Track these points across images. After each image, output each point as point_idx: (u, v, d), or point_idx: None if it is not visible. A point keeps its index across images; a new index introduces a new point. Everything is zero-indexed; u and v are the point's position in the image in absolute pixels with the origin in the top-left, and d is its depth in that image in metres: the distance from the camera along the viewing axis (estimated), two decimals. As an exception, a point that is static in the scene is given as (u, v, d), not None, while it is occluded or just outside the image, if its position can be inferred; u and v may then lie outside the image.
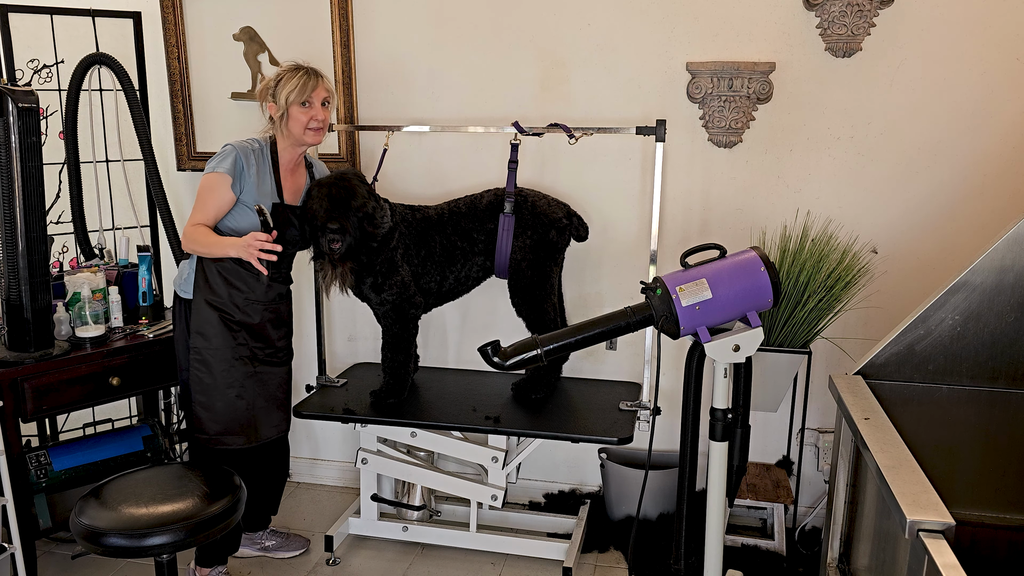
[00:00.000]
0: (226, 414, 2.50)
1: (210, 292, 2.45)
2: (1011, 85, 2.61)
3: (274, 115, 2.45)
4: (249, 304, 2.50)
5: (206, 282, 2.45)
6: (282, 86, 2.41)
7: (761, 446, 3.00)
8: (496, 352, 1.82)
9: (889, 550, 1.82)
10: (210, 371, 2.48)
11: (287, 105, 2.41)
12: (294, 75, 2.41)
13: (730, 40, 2.75)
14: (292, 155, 2.52)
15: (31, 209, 2.46)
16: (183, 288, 2.51)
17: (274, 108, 2.44)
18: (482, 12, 2.92)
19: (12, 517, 2.46)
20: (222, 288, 2.45)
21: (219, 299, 2.46)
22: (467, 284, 2.75)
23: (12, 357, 2.50)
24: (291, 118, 2.42)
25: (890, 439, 1.89)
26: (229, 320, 2.47)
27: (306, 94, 2.42)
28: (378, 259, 2.59)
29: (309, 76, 2.42)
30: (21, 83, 2.96)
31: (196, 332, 2.47)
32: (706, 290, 1.74)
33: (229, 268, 2.44)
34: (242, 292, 2.48)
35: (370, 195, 2.54)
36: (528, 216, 2.63)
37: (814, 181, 2.80)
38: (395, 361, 2.73)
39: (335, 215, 2.44)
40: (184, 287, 2.50)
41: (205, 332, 2.46)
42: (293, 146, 2.50)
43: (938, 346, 2.22)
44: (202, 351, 2.47)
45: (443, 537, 2.87)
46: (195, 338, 2.47)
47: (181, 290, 2.52)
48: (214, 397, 2.49)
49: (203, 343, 2.47)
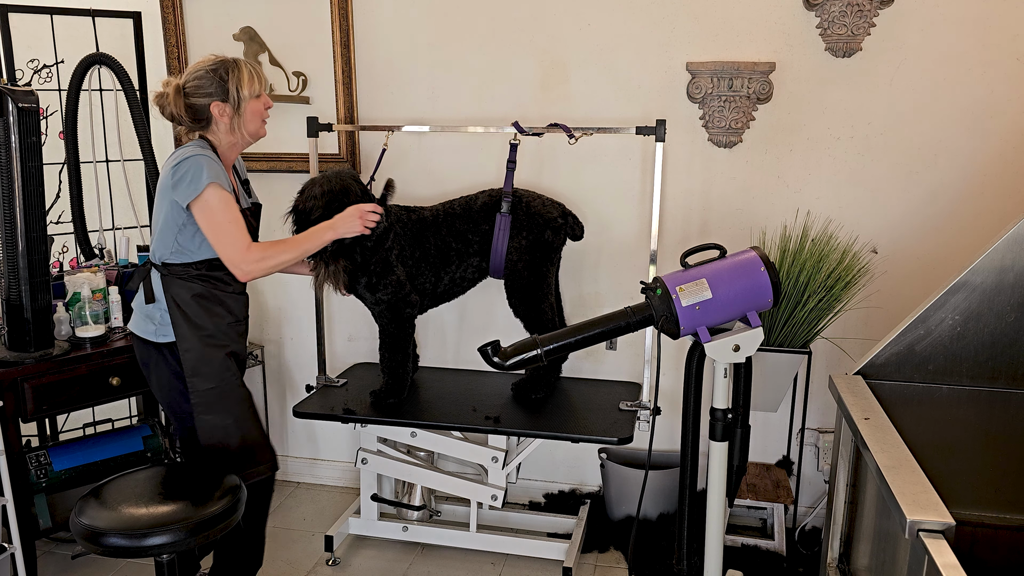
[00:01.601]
0: (241, 446, 2.29)
1: (196, 328, 2.20)
2: (1011, 85, 2.61)
3: (221, 115, 2.19)
4: (232, 327, 2.29)
5: (186, 318, 2.19)
6: (235, 80, 2.17)
7: (761, 446, 3.00)
8: (496, 352, 1.82)
9: (889, 550, 1.82)
10: (216, 411, 2.24)
11: (249, 99, 2.19)
12: (236, 67, 2.18)
13: (730, 40, 2.75)
14: (232, 154, 2.29)
15: (31, 209, 2.46)
16: (160, 333, 2.22)
17: (220, 107, 2.18)
18: (482, 12, 2.92)
19: (12, 517, 2.46)
20: (205, 319, 2.21)
21: (206, 331, 2.22)
22: (462, 285, 2.75)
23: (12, 357, 2.50)
24: (248, 111, 2.20)
25: (890, 439, 1.89)
26: (223, 351, 2.25)
27: (263, 85, 2.23)
28: (373, 259, 2.59)
29: (253, 65, 2.23)
30: (21, 83, 2.96)
31: (192, 376, 2.21)
32: (706, 290, 1.74)
33: (204, 294, 2.22)
34: (224, 317, 2.26)
35: (364, 194, 2.53)
36: (523, 216, 2.63)
37: (814, 181, 2.80)
38: (393, 360, 2.73)
39: (329, 214, 2.43)
40: (161, 331, 2.22)
41: (202, 372, 2.22)
42: (238, 145, 2.27)
43: (938, 346, 2.22)
44: (205, 394, 2.22)
45: (443, 537, 2.87)
46: (194, 382, 2.21)
47: (157, 335, 2.22)
48: (230, 436, 2.27)
49: (203, 384, 2.22)
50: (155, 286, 2.23)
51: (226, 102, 2.19)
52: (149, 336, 2.24)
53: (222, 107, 2.19)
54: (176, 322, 2.20)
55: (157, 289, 2.23)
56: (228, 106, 2.19)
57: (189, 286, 2.21)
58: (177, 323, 2.20)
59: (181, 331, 2.20)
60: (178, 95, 2.18)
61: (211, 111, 2.19)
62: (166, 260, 2.20)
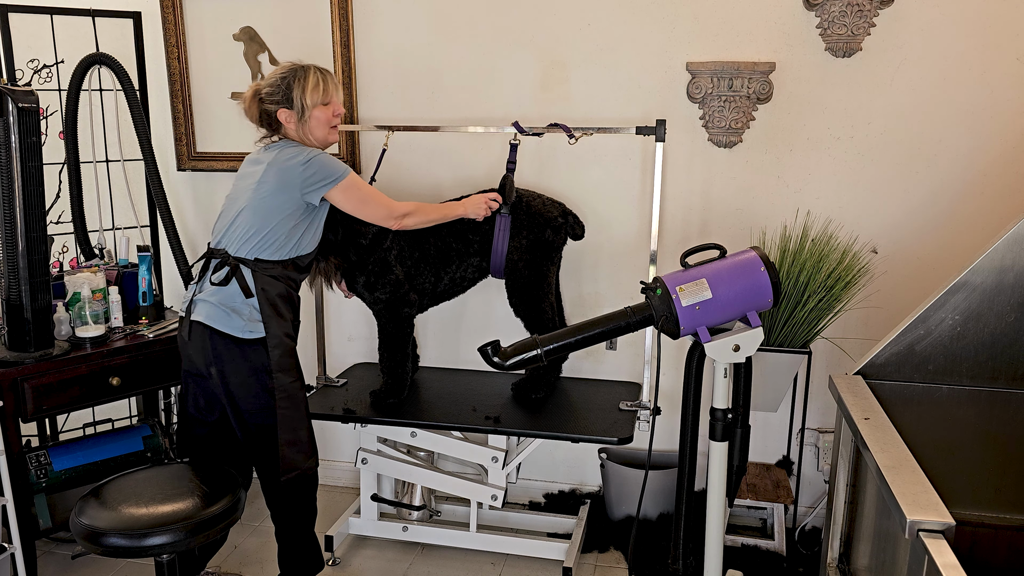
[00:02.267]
0: (307, 440, 2.39)
1: (283, 323, 2.28)
2: (1011, 85, 2.61)
3: (288, 121, 2.27)
4: (296, 326, 2.38)
5: (277, 313, 2.26)
6: (300, 88, 2.24)
7: (761, 446, 3.00)
8: (496, 352, 1.83)
9: (889, 550, 1.82)
10: (297, 405, 2.34)
11: (312, 107, 2.26)
12: (306, 74, 2.26)
13: (730, 40, 2.75)
14: None
15: (31, 209, 2.46)
16: (248, 328, 2.24)
17: (287, 114, 2.26)
18: (482, 12, 2.92)
19: (12, 517, 2.46)
20: (288, 315, 2.31)
21: (288, 326, 2.31)
22: (462, 285, 2.76)
23: (12, 357, 2.50)
24: (313, 119, 2.27)
25: (890, 439, 1.89)
26: (294, 346, 2.35)
27: (329, 92, 2.29)
28: (370, 258, 2.59)
29: (323, 73, 2.29)
30: (21, 83, 2.96)
31: (279, 371, 2.27)
32: (706, 290, 1.74)
33: (284, 293, 2.29)
34: (296, 315, 2.36)
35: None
36: (523, 216, 2.63)
37: (814, 181, 2.80)
38: (392, 360, 2.73)
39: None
40: (251, 327, 2.24)
41: (288, 366, 2.30)
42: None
43: (938, 346, 2.22)
44: (287, 387, 2.29)
45: (443, 537, 2.87)
46: (279, 377, 2.27)
47: (245, 331, 2.24)
48: (300, 428, 2.36)
49: (287, 378, 2.29)
50: (249, 280, 2.25)
51: (291, 109, 2.26)
52: (235, 332, 2.23)
53: (288, 114, 2.27)
54: (266, 316, 2.25)
55: (251, 283, 2.25)
56: (293, 113, 2.27)
57: (275, 284, 2.28)
58: (268, 318, 2.26)
59: (271, 327, 2.26)
60: (254, 100, 2.30)
61: (279, 118, 2.28)
62: (260, 256, 2.25)
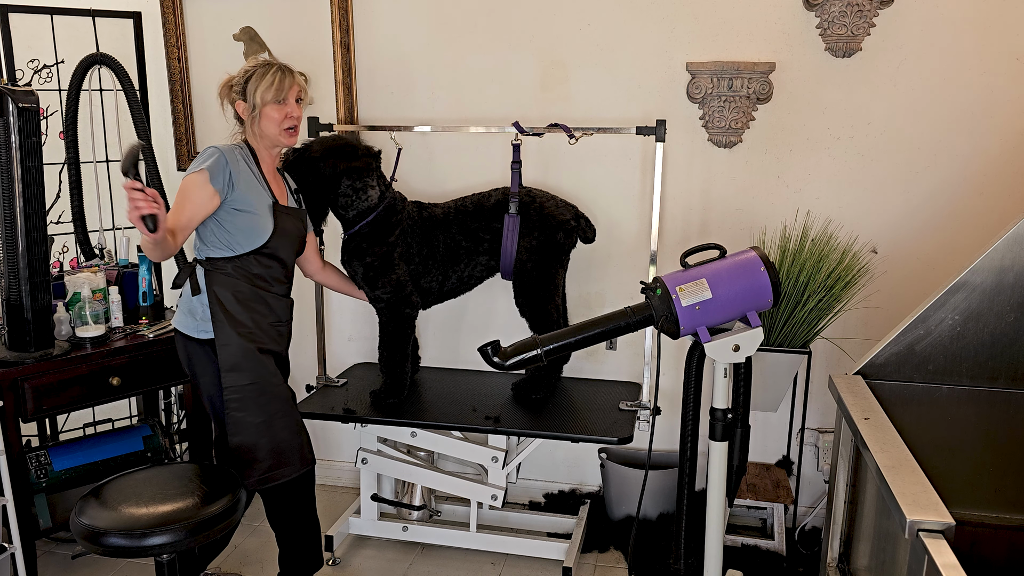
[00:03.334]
0: (274, 447, 2.28)
1: (236, 323, 2.23)
2: (1011, 85, 2.61)
3: (243, 115, 2.27)
4: (273, 327, 2.32)
5: (225, 313, 2.22)
6: (254, 83, 2.23)
7: (761, 446, 3.00)
8: (496, 352, 1.82)
9: (889, 550, 1.82)
10: (253, 407, 2.25)
11: (261, 104, 2.23)
12: (266, 71, 2.24)
13: (730, 40, 2.75)
14: (270, 159, 2.34)
15: (31, 209, 2.46)
16: (201, 328, 2.25)
17: (243, 107, 2.26)
18: (482, 12, 2.92)
19: (12, 517, 2.46)
20: (244, 316, 2.24)
21: (246, 327, 2.24)
22: (470, 283, 2.75)
23: (12, 357, 2.50)
24: (264, 117, 2.24)
25: (890, 439, 1.89)
26: (261, 348, 2.27)
27: (283, 92, 2.24)
28: (369, 246, 2.59)
29: (283, 72, 2.25)
30: (21, 83, 2.96)
31: (228, 371, 2.22)
32: (706, 290, 1.74)
33: (245, 292, 2.25)
34: (265, 316, 2.29)
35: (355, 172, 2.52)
36: (535, 217, 2.61)
37: (814, 181, 2.80)
38: (391, 360, 2.72)
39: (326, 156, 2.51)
40: (202, 327, 2.25)
41: (240, 367, 2.23)
42: (267, 149, 2.32)
43: (938, 346, 2.22)
44: (240, 389, 2.23)
45: (443, 537, 2.87)
46: (228, 376, 2.22)
47: (199, 331, 2.25)
48: (259, 435, 2.26)
49: (238, 380, 2.23)
50: (200, 279, 2.26)
51: (246, 103, 2.27)
52: (191, 332, 2.27)
53: (243, 107, 2.28)
54: (215, 317, 2.23)
55: (201, 282, 2.26)
56: (247, 107, 2.27)
57: (232, 282, 2.24)
58: (216, 318, 2.23)
59: (220, 326, 2.23)
60: (225, 87, 2.31)
61: (236, 110, 2.30)
62: (210, 255, 2.24)
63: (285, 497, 2.35)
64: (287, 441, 2.31)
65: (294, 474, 2.32)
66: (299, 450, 2.34)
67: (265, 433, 2.27)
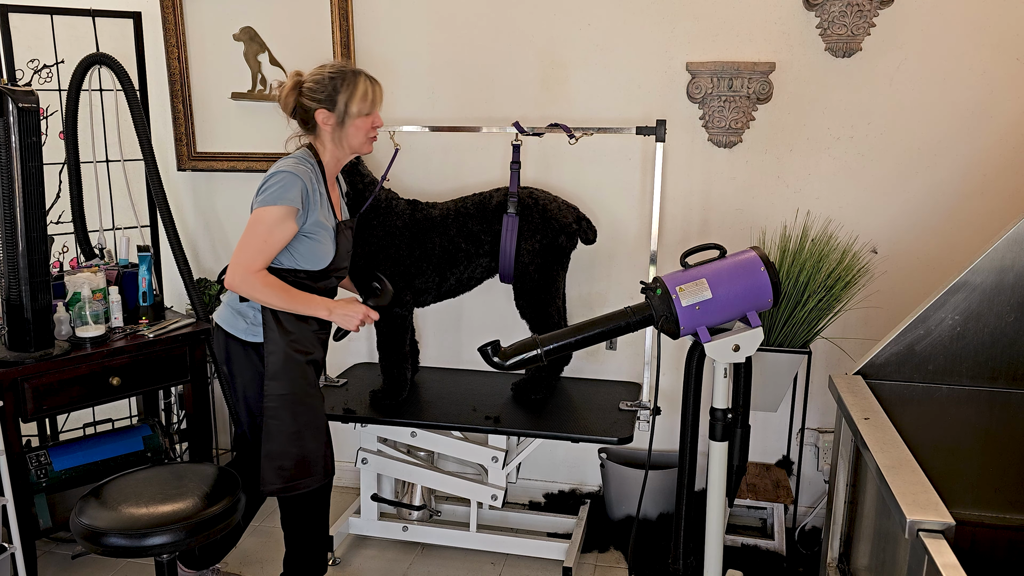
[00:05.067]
0: (302, 458, 2.26)
1: (286, 332, 2.20)
2: (1011, 85, 2.61)
3: (324, 123, 2.19)
4: (315, 334, 2.29)
5: (278, 322, 2.19)
6: (347, 93, 2.16)
7: (761, 446, 3.00)
8: (496, 352, 1.82)
9: (889, 550, 1.82)
10: (287, 417, 2.23)
11: (357, 115, 2.18)
12: (356, 80, 2.17)
13: (730, 40, 2.75)
14: (336, 167, 2.29)
15: (31, 209, 2.46)
16: (249, 332, 2.22)
17: (325, 115, 2.17)
18: (482, 12, 2.92)
19: (12, 517, 2.46)
20: (295, 324, 2.21)
21: (293, 336, 2.21)
22: (470, 284, 2.75)
23: (12, 357, 2.50)
24: (353, 127, 2.19)
25: (890, 439, 1.89)
26: (305, 357, 2.25)
27: (376, 104, 2.21)
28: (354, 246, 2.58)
29: (373, 82, 2.21)
30: (21, 83, 2.96)
31: (271, 379, 2.20)
32: (706, 290, 1.74)
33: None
34: (310, 324, 2.25)
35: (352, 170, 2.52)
36: (538, 219, 2.60)
37: (814, 181, 2.80)
38: (388, 361, 2.72)
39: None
40: (252, 330, 2.22)
41: (282, 376, 2.21)
42: (342, 157, 2.27)
43: (938, 346, 2.22)
44: (279, 398, 2.21)
45: (443, 537, 2.87)
46: (270, 385, 2.20)
47: (247, 334, 2.22)
48: (290, 444, 2.24)
49: (278, 389, 2.21)
50: None
51: (332, 112, 2.17)
52: (239, 333, 2.24)
53: (327, 115, 2.18)
54: (267, 324, 2.19)
55: None
56: (333, 116, 2.18)
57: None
58: (268, 325, 2.19)
59: (271, 334, 2.20)
60: (293, 90, 2.19)
61: (315, 117, 2.18)
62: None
63: (303, 505, 2.33)
64: (314, 452, 2.29)
65: (316, 484, 2.30)
66: (323, 460, 2.32)
67: (296, 443, 2.25)
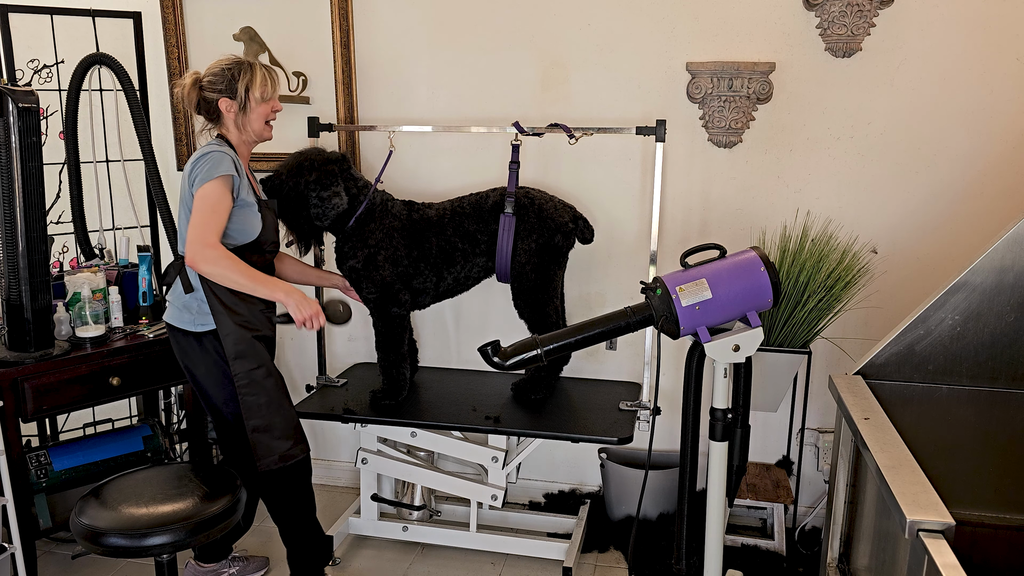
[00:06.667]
0: (285, 425, 2.39)
1: (234, 314, 2.31)
2: (1011, 85, 2.61)
3: (228, 111, 2.32)
4: (263, 313, 2.40)
5: (223, 304, 2.30)
6: (244, 81, 2.30)
7: (761, 446, 3.00)
8: (496, 352, 1.82)
9: (889, 550, 1.82)
10: (262, 390, 2.35)
11: (260, 101, 2.33)
12: (253, 70, 2.32)
13: (730, 40, 2.75)
14: (246, 151, 2.43)
15: (31, 209, 2.46)
16: (198, 322, 2.33)
17: (228, 104, 2.31)
18: (482, 12, 2.92)
19: (12, 517, 2.46)
20: (241, 306, 2.33)
21: (243, 317, 2.32)
22: (467, 284, 2.75)
23: (12, 357, 2.50)
24: (254, 113, 2.33)
25: (890, 439, 1.89)
26: (257, 336, 2.36)
27: (273, 91, 2.36)
28: (351, 249, 2.61)
29: (269, 71, 2.36)
30: (21, 83, 2.96)
31: (235, 358, 2.31)
32: (706, 290, 1.74)
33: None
34: (255, 304, 2.36)
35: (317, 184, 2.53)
36: (534, 219, 2.61)
37: (814, 181, 2.80)
38: (387, 361, 2.72)
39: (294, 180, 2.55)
40: (200, 320, 2.33)
41: (245, 354, 2.32)
42: (248, 143, 2.40)
43: (938, 346, 2.22)
44: (249, 374, 2.33)
45: (443, 537, 2.87)
46: (236, 364, 2.31)
47: (196, 324, 2.34)
48: (272, 414, 2.36)
49: (246, 366, 2.32)
50: (191, 276, 2.34)
51: (233, 99, 2.32)
52: (188, 326, 2.35)
53: (229, 103, 2.32)
54: (214, 309, 2.30)
55: (194, 279, 2.33)
56: (235, 103, 2.32)
57: None
58: (215, 309, 2.30)
59: (220, 317, 2.31)
60: (193, 87, 2.33)
61: (219, 107, 2.32)
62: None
63: (289, 480, 2.42)
64: (295, 419, 2.43)
65: (303, 454, 2.43)
66: (301, 432, 2.45)
67: (277, 412, 2.38)
